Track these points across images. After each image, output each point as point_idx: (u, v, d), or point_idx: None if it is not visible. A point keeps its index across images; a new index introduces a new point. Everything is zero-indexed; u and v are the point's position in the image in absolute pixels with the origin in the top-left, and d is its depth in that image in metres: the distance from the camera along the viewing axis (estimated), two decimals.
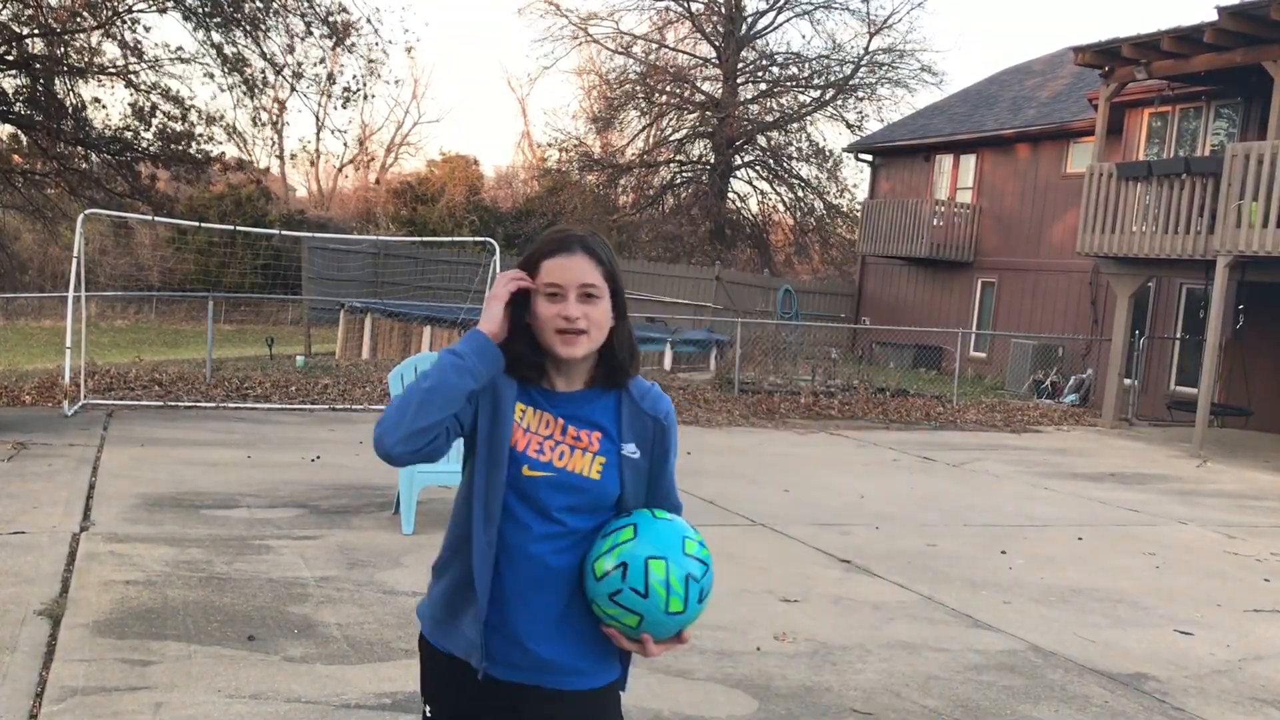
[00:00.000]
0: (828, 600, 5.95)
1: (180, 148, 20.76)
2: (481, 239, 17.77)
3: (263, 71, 20.88)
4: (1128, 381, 16.81)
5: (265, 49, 20.59)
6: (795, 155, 34.25)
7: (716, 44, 33.58)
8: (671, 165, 35.23)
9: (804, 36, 73.35)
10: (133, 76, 20.42)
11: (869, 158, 26.88)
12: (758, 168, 34.97)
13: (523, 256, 2.17)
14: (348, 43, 20.59)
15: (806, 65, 33.96)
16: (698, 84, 34.20)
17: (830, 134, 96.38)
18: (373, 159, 46.02)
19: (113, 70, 20.38)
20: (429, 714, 2.22)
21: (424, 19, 48.18)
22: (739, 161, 34.59)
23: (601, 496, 2.14)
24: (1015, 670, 5.02)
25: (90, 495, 7.28)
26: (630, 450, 2.17)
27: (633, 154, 35.08)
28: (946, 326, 22.31)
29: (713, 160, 33.92)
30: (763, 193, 35.72)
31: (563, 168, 34.65)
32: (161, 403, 11.62)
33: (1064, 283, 21.06)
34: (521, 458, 2.11)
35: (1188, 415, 15.19)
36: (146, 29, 35.76)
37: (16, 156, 21.61)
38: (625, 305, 2.20)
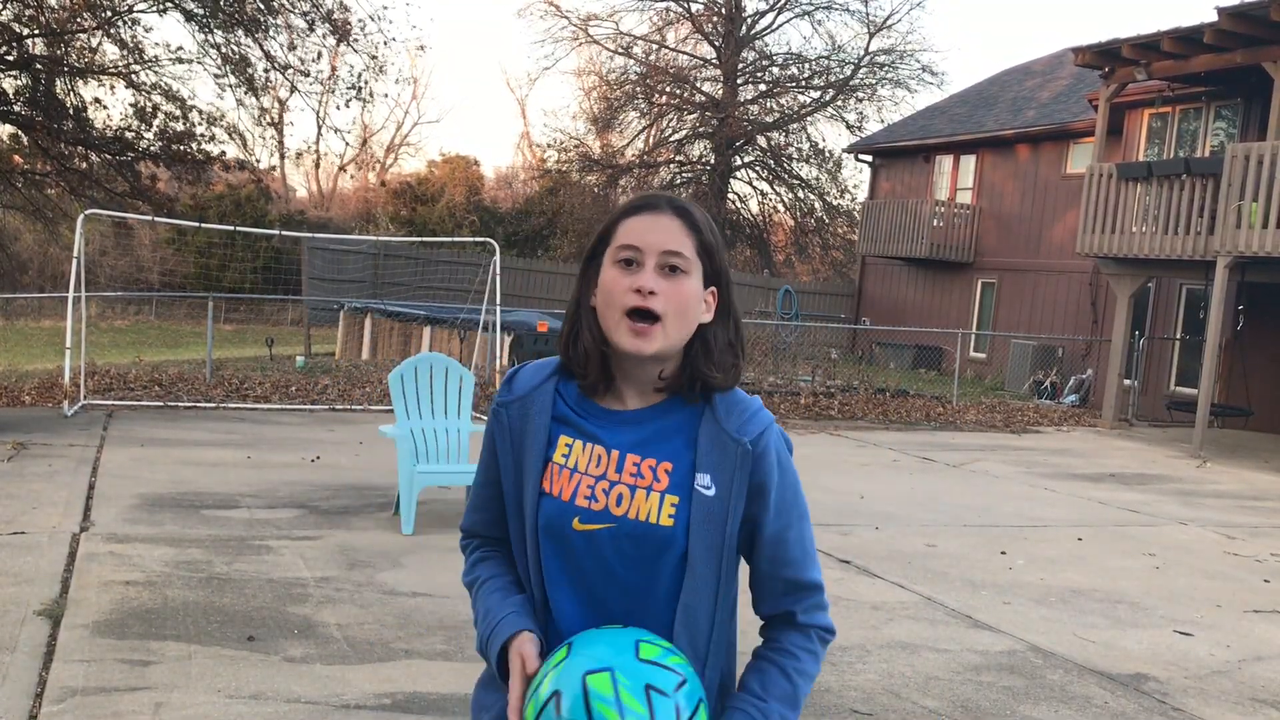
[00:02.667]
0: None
1: (181, 147, 20.76)
2: (482, 239, 17.79)
3: (266, 71, 20.88)
4: (1127, 382, 16.81)
5: (267, 49, 20.58)
6: (795, 156, 34.26)
7: (716, 44, 33.58)
8: (671, 166, 35.22)
9: (804, 37, 73.29)
10: (133, 76, 20.43)
11: (869, 158, 26.89)
12: (758, 168, 34.97)
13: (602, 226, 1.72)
14: (351, 38, 20.55)
15: (806, 66, 33.98)
16: (698, 84, 34.20)
17: (830, 135, 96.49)
18: (378, 162, 46.04)
19: (113, 70, 20.38)
20: None
21: (428, 15, 48.42)
22: (739, 162, 34.59)
23: (672, 548, 1.62)
24: (1015, 671, 5.01)
25: (90, 495, 7.28)
26: (703, 483, 1.62)
27: (632, 154, 35.08)
28: (946, 327, 22.31)
29: (713, 161, 33.91)
30: (763, 193, 35.76)
31: (562, 168, 34.66)
32: (161, 403, 11.62)
33: (1064, 283, 21.06)
34: (569, 508, 1.62)
35: (1187, 415, 15.19)
36: (147, 29, 35.73)
37: (16, 157, 21.61)
38: (731, 298, 1.71)
